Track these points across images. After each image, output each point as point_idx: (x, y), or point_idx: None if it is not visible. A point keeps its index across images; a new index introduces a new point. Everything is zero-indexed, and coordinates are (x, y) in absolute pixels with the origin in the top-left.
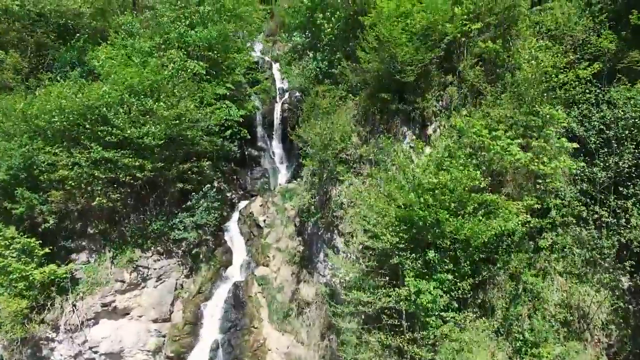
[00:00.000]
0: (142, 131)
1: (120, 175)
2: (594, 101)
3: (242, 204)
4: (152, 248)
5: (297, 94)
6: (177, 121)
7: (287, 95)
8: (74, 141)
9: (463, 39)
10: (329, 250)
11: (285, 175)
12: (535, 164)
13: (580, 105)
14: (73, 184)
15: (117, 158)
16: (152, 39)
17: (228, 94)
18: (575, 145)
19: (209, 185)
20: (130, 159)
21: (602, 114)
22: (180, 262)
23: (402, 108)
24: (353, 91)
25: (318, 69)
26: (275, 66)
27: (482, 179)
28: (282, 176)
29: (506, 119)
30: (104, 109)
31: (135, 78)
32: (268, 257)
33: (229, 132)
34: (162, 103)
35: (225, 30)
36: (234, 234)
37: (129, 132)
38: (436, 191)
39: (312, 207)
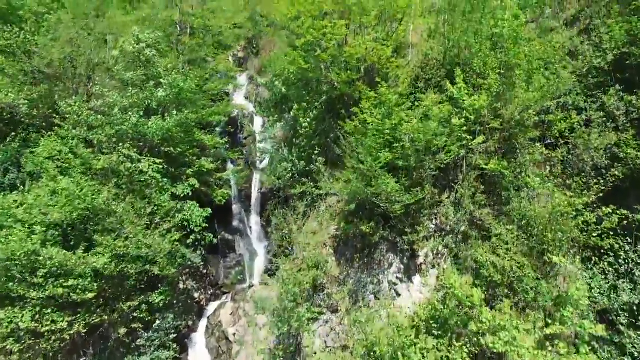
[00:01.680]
0: (67, 285)
1: (42, 339)
2: (622, 260)
3: (212, 307)
4: None
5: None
6: (115, 262)
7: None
8: None
9: (462, 152)
10: None
11: (263, 260)
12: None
13: (604, 258)
14: None
15: (35, 327)
16: (102, 128)
17: (190, 193)
18: (601, 332)
19: (158, 323)
20: (54, 320)
21: (634, 295)
22: None
23: (388, 237)
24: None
25: (294, 169)
26: (258, 121)
27: None
28: (259, 261)
29: (511, 271)
30: (13, 263)
31: (66, 207)
32: None
33: (191, 238)
34: (91, 254)
35: (186, 119)
36: (199, 350)
37: (47, 292)
38: None
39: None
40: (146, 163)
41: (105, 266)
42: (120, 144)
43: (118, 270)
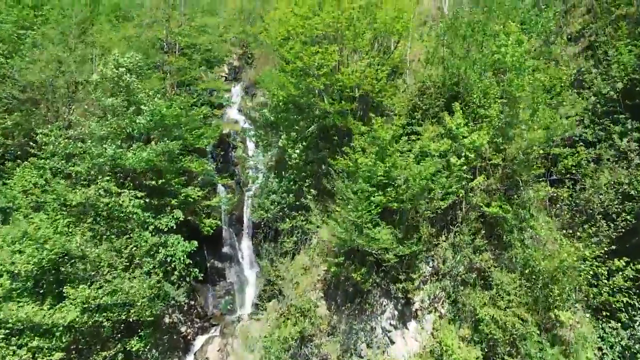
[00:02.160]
0: (32, 346)
1: None
2: (638, 324)
3: (199, 341)
4: None
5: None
6: (88, 314)
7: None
8: None
9: (461, 192)
10: None
11: (254, 288)
12: None
13: (616, 314)
14: None
15: None
16: (82, 158)
17: (175, 226)
18: None
19: None
20: None
21: None
22: None
23: (381, 284)
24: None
25: (283, 202)
26: (250, 145)
27: None
28: (250, 289)
29: (514, 327)
30: None
31: (35, 254)
32: None
33: (175, 274)
34: (60, 307)
35: (168, 149)
36: None
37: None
38: None
39: None
40: (126, 197)
41: (77, 318)
42: (100, 176)
43: (91, 322)
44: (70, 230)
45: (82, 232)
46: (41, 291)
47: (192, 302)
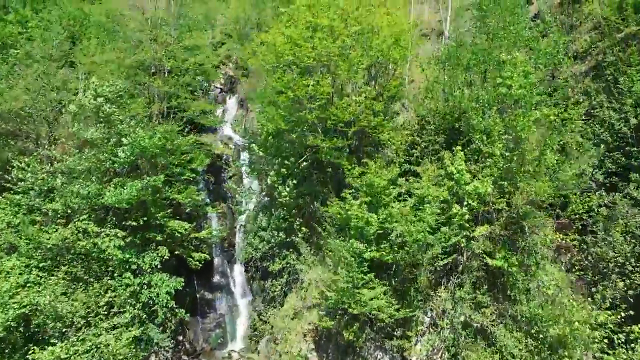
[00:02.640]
0: None
1: None
2: None
3: None
4: None
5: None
6: None
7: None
8: None
9: (463, 241)
10: None
11: (246, 319)
12: None
13: None
14: None
15: None
16: (60, 193)
17: (159, 264)
18: None
19: None
20: None
21: None
22: None
23: (375, 339)
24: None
25: (273, 241)
26: (245, 170)
27: None
28: (241, 321)
29: None
30: None
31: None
32: None
33: (160, 316)
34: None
35: (154, 183)
36: None
37: None
38: None
39: None
40: (106, 239)
41: None
42: (77, 215)
43: None
44: (43, 278)
45: (55, 283)
46: (6, 351)
47: (181, 338)
